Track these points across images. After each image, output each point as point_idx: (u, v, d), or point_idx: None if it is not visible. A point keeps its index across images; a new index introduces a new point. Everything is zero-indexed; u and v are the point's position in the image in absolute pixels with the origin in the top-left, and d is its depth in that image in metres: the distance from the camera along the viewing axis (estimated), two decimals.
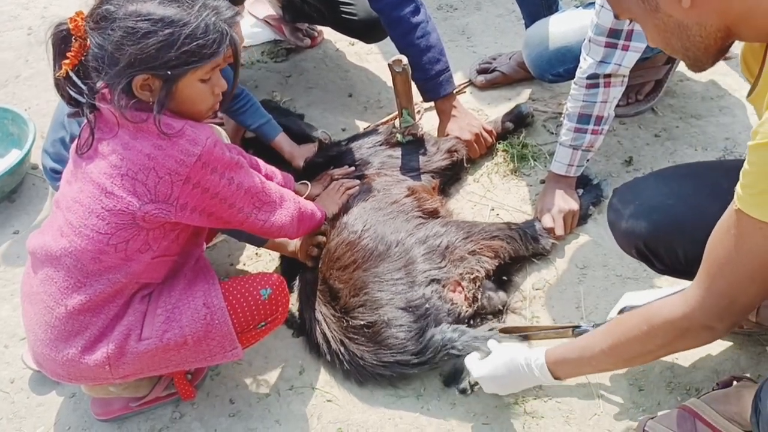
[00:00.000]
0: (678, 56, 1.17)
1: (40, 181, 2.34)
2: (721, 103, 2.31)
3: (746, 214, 1.03)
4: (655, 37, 1.15)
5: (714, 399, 1.47)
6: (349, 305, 1.70)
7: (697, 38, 1.09)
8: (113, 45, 1.29)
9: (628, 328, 1.26)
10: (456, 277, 1.74)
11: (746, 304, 1.13)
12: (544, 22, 2.18)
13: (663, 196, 1.37)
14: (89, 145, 1.39)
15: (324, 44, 2.79)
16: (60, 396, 1.78)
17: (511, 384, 1.51)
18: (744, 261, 1.07)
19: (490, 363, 1.51)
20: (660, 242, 1.36)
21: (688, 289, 1.17)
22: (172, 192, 1.36)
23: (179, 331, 1.45)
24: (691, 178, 1.40)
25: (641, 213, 1.38)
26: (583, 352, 1.34)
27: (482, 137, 2.18)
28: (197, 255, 1.59)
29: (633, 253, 1.46)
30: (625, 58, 1.84)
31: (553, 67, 2.15)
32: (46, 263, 1.44)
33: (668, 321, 1.18)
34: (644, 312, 1.24)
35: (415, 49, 2.07)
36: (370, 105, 2.52)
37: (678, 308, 1.17)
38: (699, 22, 1.07)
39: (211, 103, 1.45)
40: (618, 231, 1.46)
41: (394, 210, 1.86)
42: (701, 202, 1.32)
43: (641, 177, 1.46)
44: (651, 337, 1.23)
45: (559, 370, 1.39)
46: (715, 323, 1.16)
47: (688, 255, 1.33)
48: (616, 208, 1.46)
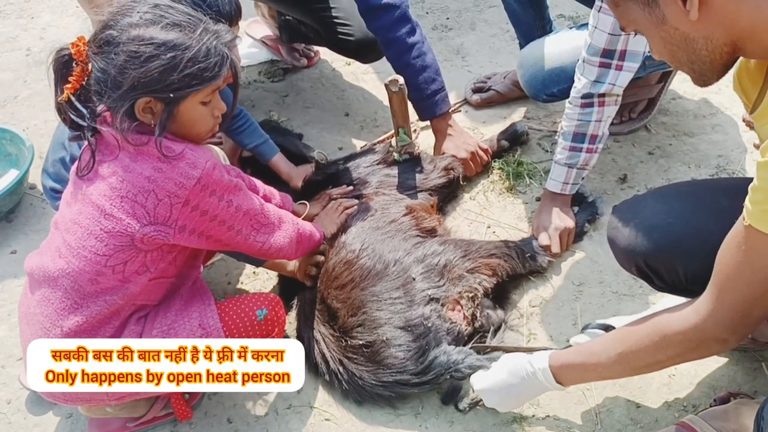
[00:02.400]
0: (683, 69, 1.17)
1: (38, 201, 2.35)
2: (713, 120, 2.33)
3: (756, 230, 1.04)
4: (661, 49, 1.15)
5: (712, 416, 1.47)
6: (348, 325, 1.70)
7: (703, 52, 1.10)
8: (116, 69, 1.31)
9: (639, 338, 1.26)
10: (455, 295, 1.75)
11: (759, 316, 1.14)
12: (539, 43, 2.21)
13: (663, 215, 1.38)
14: (90, 168, 1.40)
15: (321, 64, 2.82)
16: (57, 416, 1.77)
17: (514, 393, 1.49)
18: (757, 276, 1.08)
19: (493, 373, 1.51)
20: (660, 261, 1.37)
21: (698, 301, 1.17)
22: (171, 214, 1.37)
23: None
24: (690, 197, 1.41)
25: (641, 231, 1.39)
26: (590, 358, 1.34)
27: (478, 155, 2.20)
28: (194, 277, 1.59)
29: (633, 271, 1.47)
30: (618, 78, 1.86)
31: (548, 87, 2.17)
32: (44, 284, 1.44)
33: (681, 332, 1.19)
34: (655, 322, 1.24)
35: (411, 69, 2.09)
36: (367, 124, 2.54)
37: (690, 320, 1.17)
38: (705, 36, 1.07)
39: (211, 125, 1.47)
40: (617, 249, 1.46)
41: (392, 229, 1.87)
42: (701, 221, 1.33)
43: (641, 195, 1.47)
44: (662, 348, 1.23)
45: (563, 375, 1.39)
46: (728, 335, 1.16)
47: (688, 273, 1.34)
48: (615, 226, 1.47)
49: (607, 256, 1.96)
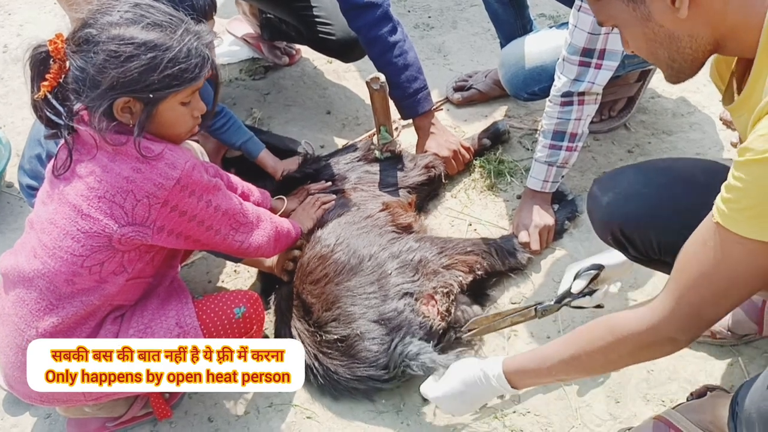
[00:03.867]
0: (660, 66, 1.17)
1: (15, 199, 2.32)
2: (691, 119, 2.36)
3: (726, 229, 1.02)
4: (640, 46, 1.15)
5: (688, 409, 1.50)
6: (322, 319, 1.70)
7: (687, 50, 1.10)
8: (95, 68, 1.29)
9: (591, 339, 1.25)
10: (429, 290, 1.75)
11: (714, 318, 1.14)
12: (520, 42, 2.22)
13: (640, 185, 1.39)
14: (66, 167, 1.39)
15: (302, 62, 2.81)
16: (34, 417, 1.75)
17: (469, 399, 1.49)
18: (720, 276, 1.07)
19: (445, 382, 1.51)
20: (635, 229, 1.38)
21: (655, 300, 1.17)
22: (149, 215, 1.36)
23: None
24: (668, 170, 1.42)
25: (618, 201, 1.40)
26: (543, 362, 1.33)
27: (460, 154, 2.21)
28: (172, 276, 1.59)
29: (609, 240, 1.48)
30: (598, 77, 1.88)
31: (528, 86, 2.19)
32: (18, 284, 1.42)
33: (634, 333, 1.18)
34: (608, 323, 1.23)
35: (393, 68, 2.10)
36: (349, 122, 2.54)
37: (645, 320, 1.16)
38: (691, 34, 1.07)
39: (191, 126, 1.46)
40: (595, 218, 1.48)
41: (368, 224, 1.87)
42: (676, 193, 1.34)
43: (621, 167, 1.48)
44: (614, 348, 1.21)
45: (518, 379, 1.38)
46: (679, 335, 1.15)
47: (661, 243, 1.35)
48: (595, 196, 1.48)
49: (587, 253, 1.99)
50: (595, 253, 1.96)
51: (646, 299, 1.23)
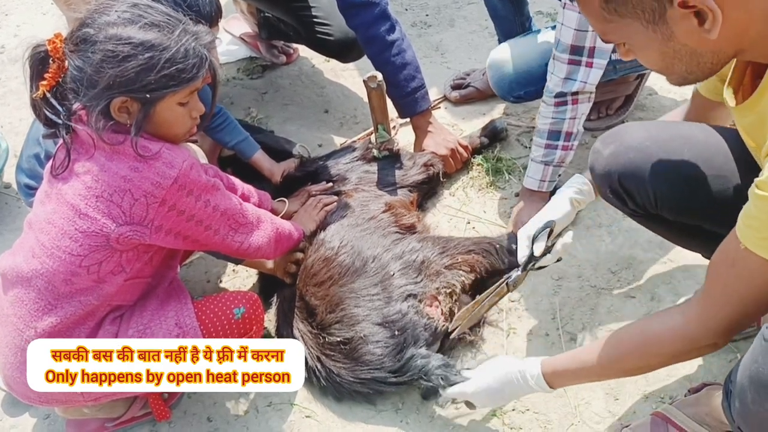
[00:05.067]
0: (672, 77, 1.14)
1: (13, 200, 2.32)
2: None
3: (752, 253, 1.06)
4: (656, 61, 1.11)
5: (685, 404, 1.51)
6: (326, 321, 1.70)
7: (708, 64, 1.08)
8: (93, 67, 1.29)
9: (629, 349, 1.28)
10: (432, 291, 1.75)
11: (749, 323, 1.20)
12: (507, 45, 2.25)
13: (641, 138, 1.41)
14: (65, 167, 1.38)
15: (300, 61, 2.81)
16: (33, 417, 1.75)
17: (505, 396, 1.51)
18: (750, 293, 1.11)
19: (480, 378, 1.51)
20: (633, 179, 1.40)
21: (689, 310, 1.20)
22: (147, 214, 1.36)
23: None
24: (669, 127, 1.43)
25: (619, 151, 1.42)
26: (583, 366, 1.36)
27: (458, 152, 2.21)
28: (171, 277, 1.58)
29: (608, 194, 1.49)
30: (590, 75, 1.88)
31: (514, 90, 2.21)
32: (17, 285, 1.42)
33: (671, 342, 1.22)
34: (643, 333, 1.27)
35: (391, 67, 2.09)
36: (347, 121, 2.54)
37: (681, 331, 1.20)
38: (714, 50, 1.05)
39: (189, 126, 1.46)
40: (596, 171, 1.49)
41: (371, 226, 1.87)
42: (676, 147, 1.36)
43: (624, 124, 1.49)
44: (654, 355, 1.26)
45: (555, 380, 1.41)
46: (718, 340, 1.19)
47: (657, 194, 1.37)
48: (596, 150, 1.49)
49: (586, 250, 1.99)
50: (594, 249, 1.98)
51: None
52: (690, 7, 0.97)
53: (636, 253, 1.97)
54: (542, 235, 1.57)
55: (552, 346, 1.79)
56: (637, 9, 1.01)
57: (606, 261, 1.96)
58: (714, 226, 1.41)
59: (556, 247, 1.58)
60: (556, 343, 1.79)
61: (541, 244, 1.57)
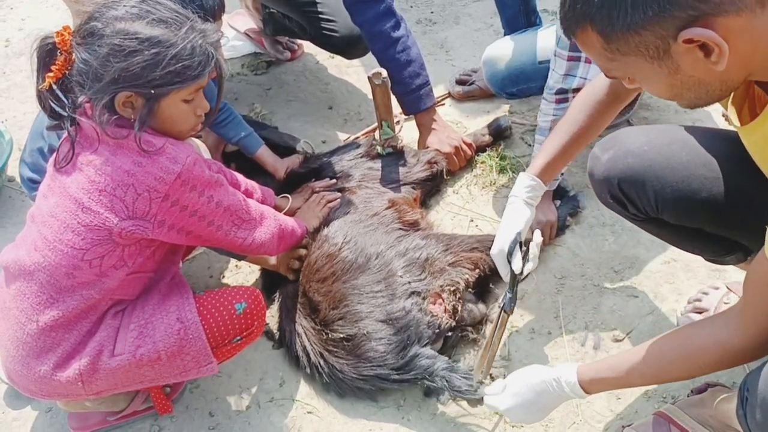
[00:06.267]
0: (682, 102, 1.13)
1: (17, 193, 2.32)
2: (693, 115, 2.35)
3: None
4: (664, 92, 1.10)
5: (689, 404, 1.50)
6: (329, 318, 1.70)
7: (716, 92, 1.07)
8: (99, 61, 1.30)
9: (672, 358, 1.28)
10: (436, 289, 1.75)
11: None
12: (503, 42, 2.27)
13: (639, 143, 1.41)
14: (69, 160, 1.39)
15: (304, 57, 2.81)
16: (35, 410, 1.75)
17: (541, 407, 1.48)
18: None
19: (512, 392, 1.48)
20: (632, 184, 1.40)
21: (733, 322, 1.19)
22: (150, 209, 1.36)
23: (152, 346, 1.44)
24: (667, 131, 1.44)
25: (618, 156, 1.42)
26: (621, 373, 1.35)
27: (462, 150, 2.21)
28: (173, 272, 1.58)
29: (608, 200, 1.49)
30: (589, 72, 1.87)
31: (506, 86, 2.23)
32: (19, 278, 1.42)
33: (716, 353, 1.21)
34: (685, 343, 1.26)
35: (396, 63, 2.09)
36: (351, 117, 2.53)
37: (727, 342, 1.19)
38: (723, 79, 1.04)
39: (193, 124, 1.46)
40: (595, 177, 1.49)
41: (374, 222, 1.87)
42: (674, 151, 1.36)
43: (622, 129, 1.49)
44: (697, 367, 1.26)
45: (591, 387, 1.40)
46: (763, 351, 1.19)
47: (658, 199, 1.37)
48: (595, 155, 1.49)
49: (589, 249, 1.99)
50: (598, 248, 1.97)
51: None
52: (695, 42, 0.96)
53: (639, 252, 1.96)
54: (516, 250, 1.56)
55: (554, 345, 1.78)
56: (641, 47, 1.00)
57: (609, 260, 1.96)
58: (715, 229, 1.40)
59: (532, 252, 1.58)
60: (558, 342, 1.79)
61: (518, 259, 1.56)
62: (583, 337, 1.79)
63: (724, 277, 1.87)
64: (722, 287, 1.75)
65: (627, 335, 1.78)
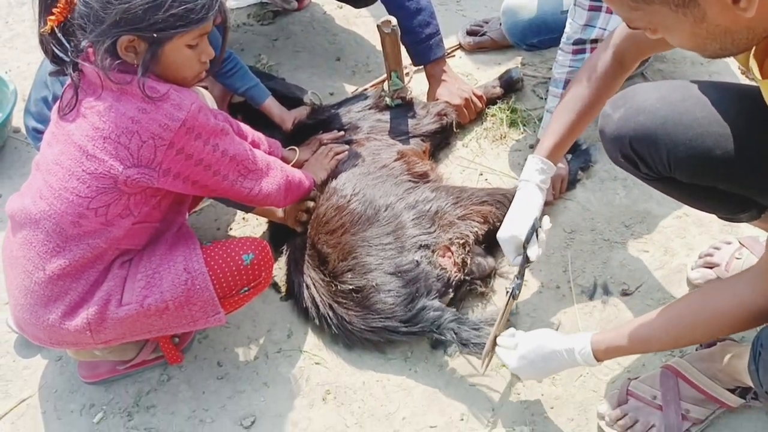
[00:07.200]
0: (705, 53, 1.10)
1: (22, 144, 2.30)
2: (711, 68, 2.30)
3: None
4: (687, 42, 1.07)
5: (698, 358, 1.50)
6: (338, 269, 1.69)
7: (743, 41, 1.04)
8: (100, 3, 1.27)
9: (692, 324, 1.27)
10: (445, 242, 1.74)
11: None
12: None
13: (652, 100, 1.38)
14: (72, 107, 1.37)
15: (311, 7, 2.74)
16: (46, 359, 1.77)
17: (550, 370, 1.51)
18: None
19: (524, 354, 1.50)
20: (645, 142, 1.37)
21: (752, 278, 1.19)
22: (155, 157, 1.34)
23: (160, 296, 1.43)
24: (681, 88, 1.41)
25: (629, 114, 1.39)
26: (637, 341, 1.35)
27: (472, 102, 2.16)
28: (180, 223, 1.57)
29: (620, 160, 1.46)
30: (610, 22, 1.82)
31: (527, 37, 2.16)
32: (26, 226, 1.42)
33: (740, 314, 1.21)
34: (706, 305, 1.26)
35: (405, 12, 2.04)
36: (359, 69, 2.48)
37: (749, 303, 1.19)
38: (750, 27, 1.01)
39: (198, 71, 1.43)
40: (606, 135, 1.46)
41: (383, 174, 1.85)
42: (688, 107, 1.33)
43: (634, 85, 1.46)
44: (719, 329, 1.26)
45: (605, 355, 1.41)
46: None
47: (671, 157, 1.34)
48: (606, 114, 1.46)
49: (600, 203, 1.97)
50: (608, 202, 1.95)
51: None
52: None
53: (650, 207, 1.94)
54: (532, 239, 1.54)
55: (563, 299, 1.78)
56: None
57: (620, 214, 1.94)
58: (729, 187, 1.37)
59: (541, 238, 1.56)
60: (567, 296, 1.78)
61: (534, 248, 1.54)
62: (591, 291, 1.78)
63: (736, 232, 1.85)
64: (734, 242, 1.73)
65: (636, 289, 1.77)
